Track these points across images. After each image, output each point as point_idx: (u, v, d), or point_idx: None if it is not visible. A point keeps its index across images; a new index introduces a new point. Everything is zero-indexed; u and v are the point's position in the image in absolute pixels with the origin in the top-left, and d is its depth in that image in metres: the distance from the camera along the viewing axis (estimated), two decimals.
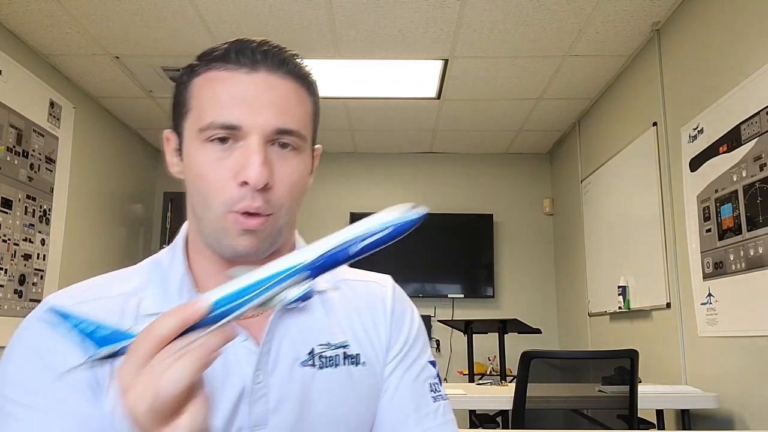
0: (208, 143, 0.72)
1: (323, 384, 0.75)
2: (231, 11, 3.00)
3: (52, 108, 3.59)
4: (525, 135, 4.78)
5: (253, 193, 0.70)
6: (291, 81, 0.75)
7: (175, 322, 0.50)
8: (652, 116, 3.21)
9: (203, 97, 0.74)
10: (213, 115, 0.71)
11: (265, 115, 0.71)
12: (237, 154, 0.71)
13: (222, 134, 0.71)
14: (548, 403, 2.37)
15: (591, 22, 3.08)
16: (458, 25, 3.11)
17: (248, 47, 0.73)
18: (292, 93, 0.75)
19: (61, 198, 3.68)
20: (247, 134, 0.71)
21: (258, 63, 0.73)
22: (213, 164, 0.71)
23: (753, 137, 2.31)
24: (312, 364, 0.76)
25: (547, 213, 5.13)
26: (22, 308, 3.28)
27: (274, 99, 0.73)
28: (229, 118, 0.71)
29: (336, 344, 0.78)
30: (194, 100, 0.75)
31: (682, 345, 2.88)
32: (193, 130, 0.74)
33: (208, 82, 0.74)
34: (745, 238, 2.35)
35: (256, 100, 0.72)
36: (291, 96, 0.74)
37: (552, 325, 4.90)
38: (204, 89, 0.74)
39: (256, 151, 0.70)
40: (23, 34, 3.26)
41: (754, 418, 2.35)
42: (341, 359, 0.78)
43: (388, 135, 4.81)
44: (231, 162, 0.71)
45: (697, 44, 2.76)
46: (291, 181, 0.74)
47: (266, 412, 0.72)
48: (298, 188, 0.76)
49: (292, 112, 0.74)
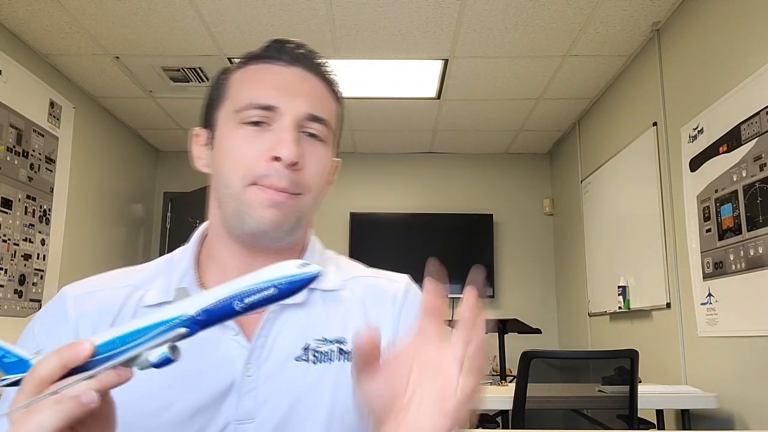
0: (243, 125, 0.75)
1: (316, 379, 0.75)
2: (231, 11, 3.00)
3: (52, 108, 3.59)
4: (525, 135, 4.78)
5: (281, 172, 0.72)
6: (322, 83, 0.81)
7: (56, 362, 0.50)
8: (652, 116, 3.21)
9: (241, 85, 0.78)
10: (250, 96, 0.75)
11: (299, 100, 0.76)
12: (270, 134, 0.74)
13: (257, 116, 0.74)
14: (548, 403, 2.36)
15: (591, 22, 3.08)
16: (458, 25, 3.11)
17: (287, 46, 0.79)
18: (323, 91, 0.80)
19: (61, 198, 3.68)
20: (282, 115, 0.74)
21: (295, 60, 0.79)
22: (245, 142, 0.74)
23: (753, 137, 2.31)
24: (306, 359, 0.75)
25: (547, 213, 5.13)
26: (22, 308, 3.28)
27: (308, 90, 0.78)
28: (266, 99, 0.74)
29: (331, 339, 0.77)
30: (232, 89, 0.79)
31: (682, 345, 2.88)
32: (228, 114, 0.77)
33: (247, 73, 0.79)
34: (745, 238, 2.35)
35: (292, 86, 0.77)
36: (322, 92, 0.80)
37: (552, 325, 4.90)
38: (242, 79, 0.79)
39: (290, 129, 0.74)
40: (23, 34, 3.26)
41: (754, 418, 2.35)
42: (336, 355, 0.77)
43: (388, 135, 4.81)
44: (263, 140, 0.74)
45: (697, 44, 2.76)
46: (318, 168, 0.77)
47: (255, 406, 0.72)
48: (323, 178, 0.79)
49: (323, 104, 0.79)
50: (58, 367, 0.50)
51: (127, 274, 0.80)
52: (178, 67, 3.62)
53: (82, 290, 0.77)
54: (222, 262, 0.79)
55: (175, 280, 0.78)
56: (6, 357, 0.54)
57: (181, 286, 0.75)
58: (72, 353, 0.51)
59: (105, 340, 0.52)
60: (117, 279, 0.79)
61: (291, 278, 0.51)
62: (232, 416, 0.71)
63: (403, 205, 5.11)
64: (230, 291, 0.52)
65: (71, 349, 0.51)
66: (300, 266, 0.52)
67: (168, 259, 0.82)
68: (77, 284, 0.79)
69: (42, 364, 0.51)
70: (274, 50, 0.79)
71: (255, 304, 0.52)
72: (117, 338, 0.52)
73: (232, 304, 0.52)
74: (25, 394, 0.50)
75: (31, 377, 0.50)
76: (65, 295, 0.77)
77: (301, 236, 0.81)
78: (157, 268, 0.81)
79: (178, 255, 0.82)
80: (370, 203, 5.06)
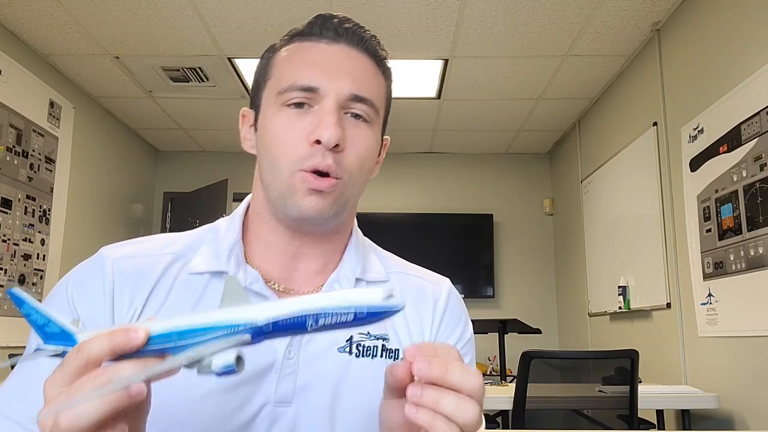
0: (285, 108, 0.73)
1: (358, 373, 0.74)
2: (231, 11, 3.00)
3: (52, 108, 3.59)
4: (525, 135, 4.78)
5: (324, 152, 0.70)
6: (369, 59, 0.77)
7: (106, 346, 0.47)
8: (652, 116, 3.21)
9: (284, 65, 0.76)
10: (292, 77, 0.73)
11: (342, 80, 0.72)
12: (312, 117, 0.72)
13: (299, 98, 0.72)
14: (548, 403, 2.36)
15: (591, 22, 3.08)
16: (458, 25, 3.11)
17: (331, 21, 0.76)
18: (370, 67, 0.77)
19: (61, 198, 3.68)
20: (324, 97, 0.72)
21: (339, 36, 0.75)
22: (288, 125, 0.72)
23: (753, 137, 2.31)
24: (349, 351, 0.74)
25: (547, 213, 5.13)
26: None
27: (352, 68, 0.74)
28: (307, 81, 0.72)
29: (376, 335, 0.76)
30: (275, 69, 0.77)
31: (682, 345, 2.88)
32: (271, 96, 0.75)
33: (290, 53, 0.77)
34: (746, 238, 2.35)
35: (335, 65, 0.73)
36: (368, 70, 0.76)
37: (552, 325, 4.90)
38: (285, 59, 0.76)
39: (332, 111, 0.71)
40: (23, 34, 3.26)
41: (754, 418, 2.35)
42: (379, 351, 0.76)
43: (388, 135, 4.80)
44: (305, 124, 0.72)
45: (697, 44, 2.76)
46: (361, 150, 0.74)
47: (293, 390, 0.71)
48: (368, 160, 0.77)
49: (368, 83, 0.75)
50: (107, 352, 0.47)
51: (168, 242, 0.78)
52: (178, 67, 3.62)
53: (121, 253, 0.75)
54: (267, 241, 0.78)
55: (224, 250, 0.76)
56: (48, 326, 0.51)
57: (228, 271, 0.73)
58: (124, 339, 0.47)
59: (161, 331, 0.49)
60: (157, 246, 0.77)
61: (374, 309, 0.48)
62: (271, 397, 0.70)
63: (403, 205, 5.11)
64: (306, 307, 0.48)
65: (124, 334, 0.48)
66: (385, 298, 0.48)
67: (212, 228, 0.80)
68: (116, 246, 0.77)
69: (90, 344, 0.47)
70: (318, 26, 0.76)
71: (328, 327, 0.48)
72: (174, 332, 0.49)
73: (305, 322, 0.48)
74: (68, 374, 0.47)
75: (76, 356, 0.47)
76: (104, 257, 0.74)
77: (346, 221, 0.81)
78: (200, 237, 0.79)
79: (223, 226, 0.80)
80: (370, 203, 5.06)
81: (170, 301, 0.73)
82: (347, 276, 0.79)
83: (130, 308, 0.72)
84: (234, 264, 0.75)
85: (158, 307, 0.72)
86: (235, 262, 0.75)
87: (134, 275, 0.73)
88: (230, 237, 0.77)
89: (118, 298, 0.72)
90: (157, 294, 0.73)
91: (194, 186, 4.85)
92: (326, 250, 0.79)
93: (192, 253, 0.76)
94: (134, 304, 0.72)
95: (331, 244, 0.80)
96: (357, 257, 0.81)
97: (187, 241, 0.79)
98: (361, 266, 0.81)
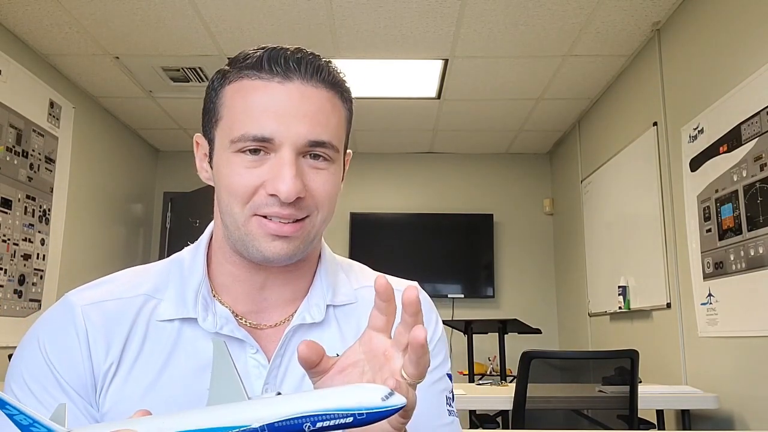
0: (239, 154, 0.71)
1: None
2: (231, 11, 3.00)
3: (52, 108, 3.59)
4: (525, 135, 4.78)
5: (282, 204, 0.69)
6: (325, 90, 0.73)
7: None
8: (652, 116, 3.21)
9: (235, 108, 0.72)
10: (245, 127, 0.70)
11: (297, 127, 0.69)
12: (268, 165, 0.70)
13: (254, 146, 0.70)
14: (548, 403, 2.36)
15: (591, 22, 3.08)
16: (458, 25, 3.11)
17: (281, 55, 0.71)
18: (326, 102, 0.73)
19: (60, 198, 3.68)
20: (280, 146, 0.69)
21: (291, 72, 0.71)
22: (243, 173, 0.70)
23: (753, 137, 2.31)
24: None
25: (547, 213, 5.13)
26: (22, 308, 3.28)
27: (307, 110, 0.71)
28: (261, 131, 0.69)
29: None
30: (225, 109, 0.73)
31: (682, 345, 2.88)
32: (224, 141, 0.72)
33: (240, 91, 0.72)
34: (746, 238, 2.35)
35: (289, 111, 0.70)
36: (325, 105, 0.72)
37: (552, 325, 4.90)
38: (236, 99, 0.72)
39: (289, 163, 0.69)
40: (23, 34, 3.26)
41: (754, 418, 2.35)
42: None
43: (388, 135, 4.81)
44: (262, 171, 0.70)
45: (697, 44, 2.76)
46: (323, 191, 0.73)
47: None
48: (333, 195, 0.75)
49: (325, 123, 0.72)
50: None
51: (136, 280, 0.77)
52: (178, 67, 3.62)
53: (90, 299, 0.74)
54: (232, 273, 0.77)
55: (190, 292, 0.75)
56: (33, 426, 0.49)
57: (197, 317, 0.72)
58: None
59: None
60: (126, 286, 0.76)
61: (373, 410, 0.47)
62: None
63: (403, 205, 5.11)
64: (303, 409, 0.47)
65: None
66: (385, 398, 0.47)
67: (178, 262, 0.79)
68: (82, 292, 0.75)
69: None
70: (268, 62, 0.71)
71: (325, 429, 0.47)
72: None
73: (302, 425, 0.47)
74: None
75: None
76: (71, 305, 0.73)
77: (314, 250, 0.79)
78: (168, 273, 0.78)
79: (188, 260, 0.78)
80: (370, 203, 5.06)
81: (145, 351, 0.72)
82: (318, 304, 0.78)
83: (107, 359, 0.71)
84: (201, 308, 0.74)
85: (134, 358, 0.71)
86: (202, 306, 0.74)
87: (107, 322, 0.72)
88: (195, 277, 0.76)
89: (94, 347, 0.71)
90: (132, 342, 0.72)
91: (194, 186, 4.84)
92: (294, 277, 0.78)
93: (161, 293, 0.75)
94: (110, 355, 0.71)
95: (299, 271, 0.79)
96: (327, 282, 0.80)
97: (156, 279, 0.77)
98: (332, 291, 0.80)
